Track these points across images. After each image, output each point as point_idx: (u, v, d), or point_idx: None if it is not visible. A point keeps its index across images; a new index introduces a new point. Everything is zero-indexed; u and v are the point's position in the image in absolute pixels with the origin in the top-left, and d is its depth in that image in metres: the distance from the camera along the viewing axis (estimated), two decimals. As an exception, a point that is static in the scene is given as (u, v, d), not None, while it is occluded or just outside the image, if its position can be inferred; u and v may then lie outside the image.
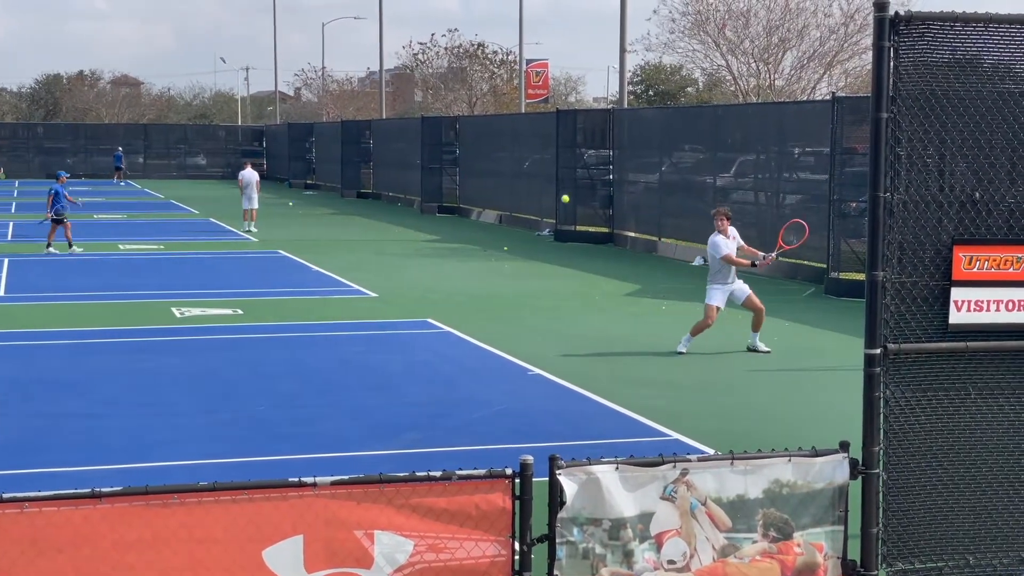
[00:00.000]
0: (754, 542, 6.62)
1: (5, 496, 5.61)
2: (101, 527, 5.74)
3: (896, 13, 6.72)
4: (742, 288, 17.41)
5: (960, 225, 6.97)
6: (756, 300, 17.34)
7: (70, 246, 30.70)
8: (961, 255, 6.95)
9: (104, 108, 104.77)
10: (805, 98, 43.05)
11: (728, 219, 17.76)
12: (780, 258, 27.04)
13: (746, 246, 17.95)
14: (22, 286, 24.26)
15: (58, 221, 30.46)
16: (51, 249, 30.43)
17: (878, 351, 6.83)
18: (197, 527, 5.87)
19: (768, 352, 17.16)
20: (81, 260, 29.45)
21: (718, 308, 17.24)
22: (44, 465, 11.15)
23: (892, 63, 6.73)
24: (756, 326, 17.38)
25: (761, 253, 17.94)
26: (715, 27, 45.42)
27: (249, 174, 38.53)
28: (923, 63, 6.80)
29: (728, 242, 17.41)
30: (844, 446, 6.84)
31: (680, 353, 16.98)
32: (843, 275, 23.77)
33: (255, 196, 38.13)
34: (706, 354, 17.23)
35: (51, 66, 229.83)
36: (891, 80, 6.73)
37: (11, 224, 40.20)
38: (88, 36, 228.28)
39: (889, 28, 6.69)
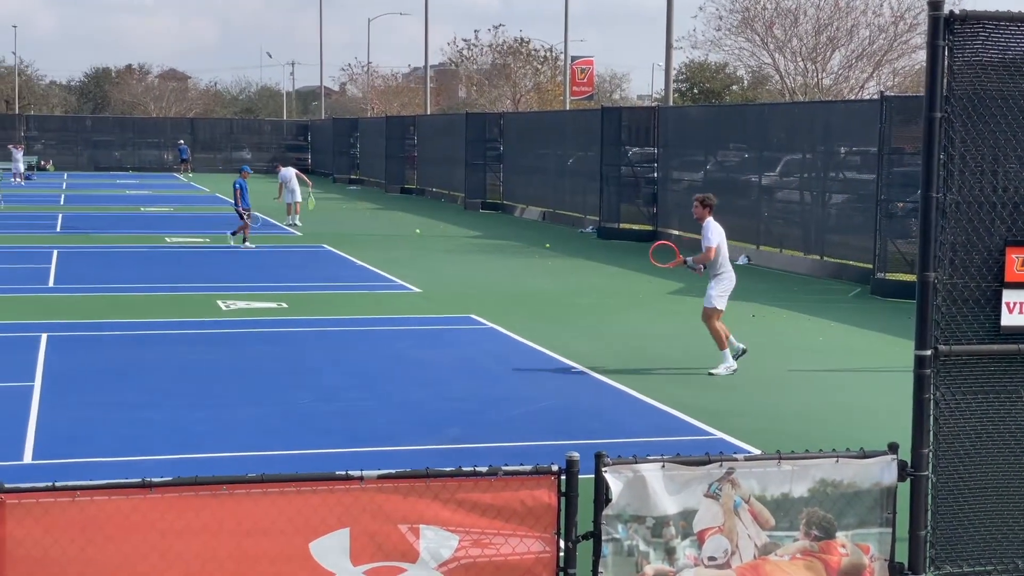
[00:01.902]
0: (795, 540, 6.60)
1: (57, 485, 5.67)
2: (151, 516, 5.78)
3: (951, 12, 6.67)
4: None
5: (1013, 227, 6.91)
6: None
7: (244, 241, 30.87)
8: (1014, 257, 6.89)
9: (152, 102, 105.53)
10: (853, 97, 42.78)
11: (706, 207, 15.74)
12: (825, 258, 27.01)
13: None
14: (70, 277, 24.48)
15: (242, 215, 30.73)
16: (248, 244, 30.82)
17: (929, 353, 6.78)
18: (245, 518, 5.91)
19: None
20: (128, 252, 29.68)
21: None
22: (93, 455, 11.26)
23: (946, 62, 6.68)
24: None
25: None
26: (763, 25, 45.22)
27: (287, 171, 38.88)
28: (977, 62, 6.74)
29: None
30: (893, 448, 6.80)
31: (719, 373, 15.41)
32: (890, 275, 23.62)
33: (297, 189, 38.35)
34: (749, 354, 17.15)
35: (95, 59, 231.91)
36: (944, 79, 6.68)
37: (60, 216, 40.54)
38: (132, 30, 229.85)
39: (944, 27, 6.64)
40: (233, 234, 31.47)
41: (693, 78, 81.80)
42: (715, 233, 15.48)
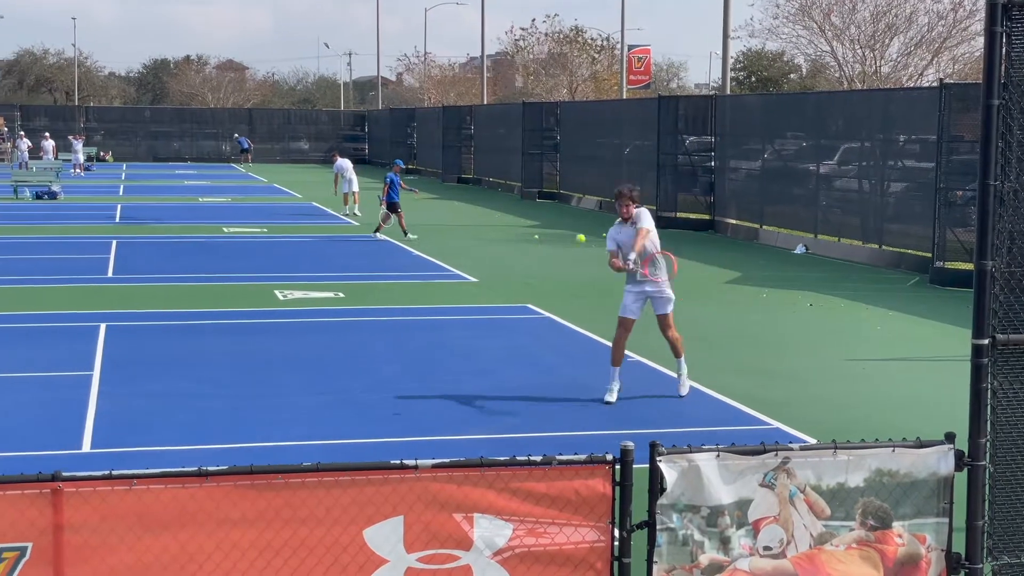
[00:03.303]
0: (851, 530, 6.56)
1: (114, 473, 5.73)
2: (206, 505, 5.83)
3: (1009, -2, 6.59)
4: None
5: (1072, 214, 6.82)
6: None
7: (405, 234, 30.76)
8: (1073, 245, 6.80)
9: (209, 93, 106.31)
10: (912, 85, 42.37)
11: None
12: (883, 247, 26.80)
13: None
14: (129, 267, 24.72)
15: (392, 208, 30.70)
16: (379, 235, 30.86)
17: (986, 342, 6.71)
18: (300, 507, 5.95)
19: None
20: (186, 243, 29.94)
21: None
22: (151, 443, 11.38)
23: (1004, 49, 6.60)
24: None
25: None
26: (821, 12, 44.87)
27: (343, 161, 39.01)
28: (1036, 49, 6.66)
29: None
30: (950, 437, 6.74)
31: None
32: (948, 264, 23.39)
33: (354, 179, 38.50)
34: (806, 343, 17.07)
35: (153, 50, 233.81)
36: (1003, 66, 6.61)
37: (119, 207, 40.95)
38: (190, 20, 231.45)
39: (1001, 13, 6.56)
40: (377, 229, 31.18)
41: (751, 66, 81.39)
42: (648, 217, 13.10)
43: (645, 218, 13.19)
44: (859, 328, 18.41)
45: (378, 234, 31.04)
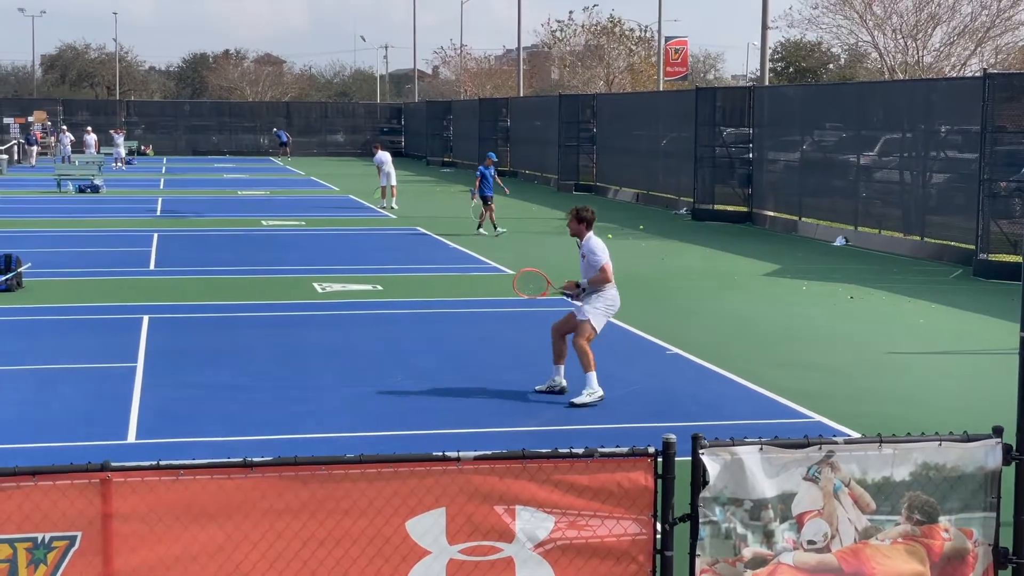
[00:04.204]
0: (896, 524, 6.52)
1: (162, 464, 5.77)
2: (252, 495, 5.86)
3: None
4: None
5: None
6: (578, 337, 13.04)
7: (495, 228, 30.51)
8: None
9: (248, 86, 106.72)
10: (954, 75, 42.04)
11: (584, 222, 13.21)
12: (926, 239, 26.64)
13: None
14: (170, 260, 24.87)
15: (484, 202, 30.49)
16: (482, 231, 30.49)
17: (1033, 334, 6.65)
18: (344, 498, 5.97)
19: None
20: (225, 236, 30.08)
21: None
22: (195, 434, 11.46)
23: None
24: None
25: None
26: (862, 2, 44.55)
27: (383, 154, 38.98)
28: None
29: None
30: (997, 431, 6.69)
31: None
32: (992, 256, 23.21)
33: (392, 172, 38.54)
34: (847, 336, 16.98)
35: (192, 45, 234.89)
36: (1050, 56, 6.53)
37: (159, 200, 41.19)
38: (227, 15, 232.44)
39: (1049, 2, 6.49)
40: (479, 225, 30.80)
41: (788, 57, 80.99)
42: (603, 249, 13.01)
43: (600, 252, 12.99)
44: (901, 321, 18.30)
45: (481, 229, 30.48)
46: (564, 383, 13.20)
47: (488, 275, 23.19)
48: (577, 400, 12.75)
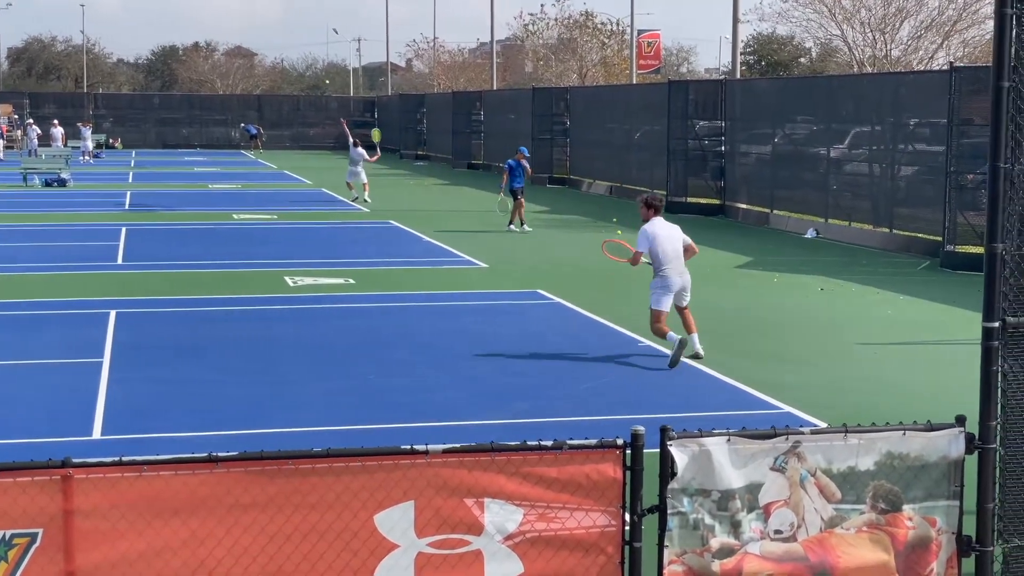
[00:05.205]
0: (861, 513, 6.56)
1: (124, 460, 5.74)
2: (217, 491, 5.84)
3: (1019, -21, 6.55)
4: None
5: (1083, 196, 6.79)
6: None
7: (522, 223, 29.97)
8: (1084, 227, 6.78)
9: (218, 79, 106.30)
10: (922, 68, 42.21)
11: (649, 208, 15.07)
12: (894, 231, 26.74)
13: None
14: (139, 254, 24.75)
15: (513, 195, 29.88)
16: (512, 227, 29.84)
17: (996, 324, 6.70)
18: (311, 493, 5.96)
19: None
20: (196, 230, 29.97)
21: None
22: (162, 430, 11.40)
23: (1014, 31, 6.58)
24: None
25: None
26: (831, -4, 44.68)
27: (360, 151, 38.87)
28: (1047, 31, 6.63)
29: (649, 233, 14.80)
30: (960, 420, 6.73)
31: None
32: (959, 248, 23.34)
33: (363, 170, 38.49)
34: (817, 328, 17.05)
35: (161, 37, 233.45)
36: (1013, 48, 6.58)
37: (128, 194, 40.99)
38: (197, 7, 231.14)
39: (1012, -5, 6.53)
40: (510, 222, 30.20)
41: (760, 51, 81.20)
42: (641, 236, 14.84)
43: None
44: (870, 312, 18.39)
45: (512, 226, 29.96)
46: (697, 349, 14.72)
47: (461, 268, 23.18)
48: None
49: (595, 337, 16.20)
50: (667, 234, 14.74)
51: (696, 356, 14.64)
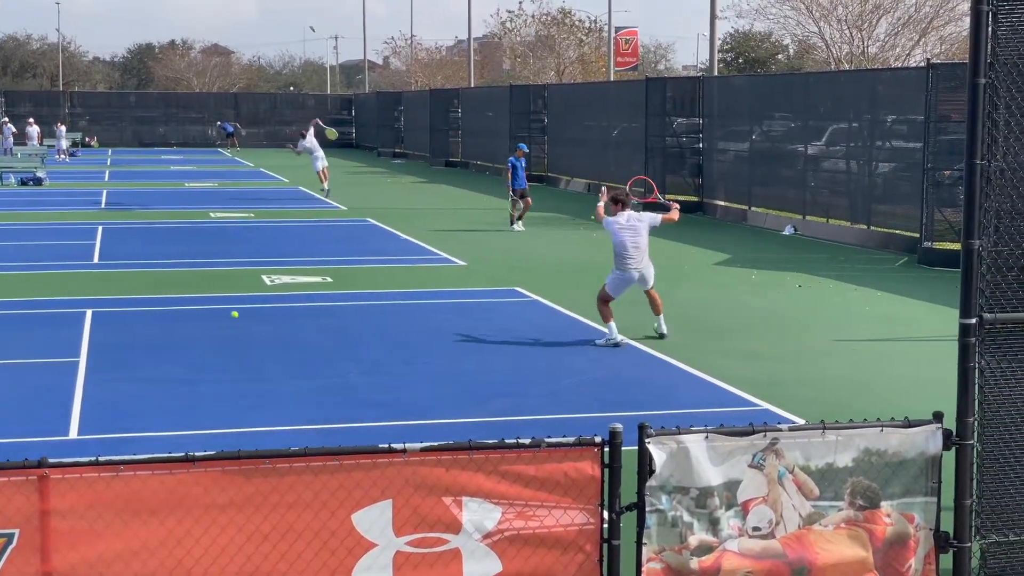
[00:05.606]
0: (839, 510, 6.57)
1: (101, 460, 5.72)
2: (194, 490, 5.82)
3: (995, -24, 6.57)
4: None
5: (1059, 193, 6.82)
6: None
7: (518, 220, 29.57)
8: (1060, 224, 6.80)
9: (195, 77, 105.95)
10: (899, 65, 42.35)
11: (616, 203, 16.19)
12: (872, 227, 26.81)
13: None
14: (115, 253, 24.64)
15: (520, 195, 29.49)
16: (515, 227, 29.36)
17: (973, 321, 6.72)
18: (288, 492, 5.94)
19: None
20: (172, 228, 29.86)
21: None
22: (139, 430, 11.34)
23: (990, 28, 6.59)
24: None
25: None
26: (808, -8, 44.77)
27: (304, 142, 39.21)
28: (1022, 27, 6.65)
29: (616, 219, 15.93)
30: (938, 417, 6.75)
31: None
32: (937, 245, 23.43)
33: (323, 156, 38.78)
34: (795, 324, 17.09)
35: (137, 35, 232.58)
36: (989, 45, 6.59)
37: (104, 192, 40.82)
38: (173, 5, 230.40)
39: (988, -8, 6.55)
40: (515, 219, 29.71)
41: (738, 48, 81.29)
42: (609, 227, 16.06)
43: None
44: (848, 309, 18.43)
45: (515, 226, 29.57)
46: (662, 330, 15.75)
47: (439, 266, 23.15)
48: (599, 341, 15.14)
49: (574, 334, 16.20)
50: (631, 227, 15.77)
51: (661, 336, 15.65)
